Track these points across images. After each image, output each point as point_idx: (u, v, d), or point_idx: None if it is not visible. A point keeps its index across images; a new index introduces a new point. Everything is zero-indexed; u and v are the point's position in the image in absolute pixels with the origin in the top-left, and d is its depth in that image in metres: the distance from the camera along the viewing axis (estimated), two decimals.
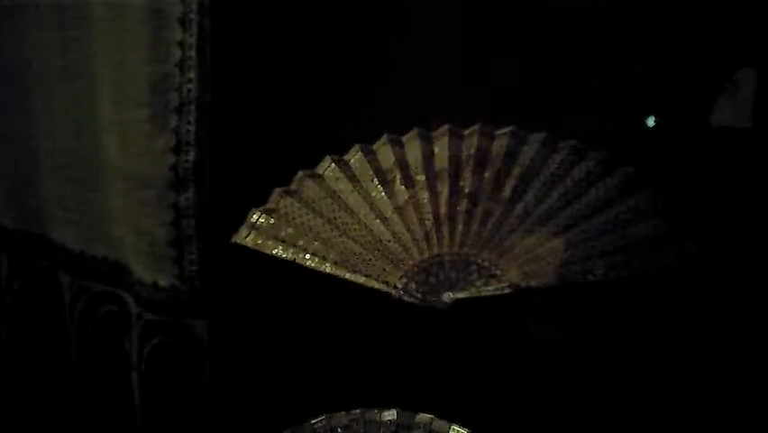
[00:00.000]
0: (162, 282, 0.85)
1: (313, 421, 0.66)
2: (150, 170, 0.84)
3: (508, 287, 0.62)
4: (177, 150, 0.82)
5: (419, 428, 0.65)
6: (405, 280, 0.64)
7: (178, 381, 0.89)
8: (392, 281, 0.64)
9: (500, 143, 0.73)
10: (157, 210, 0.84)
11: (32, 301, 1.07)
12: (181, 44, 0.80)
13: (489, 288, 0.62)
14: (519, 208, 0.68)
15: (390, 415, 0.66)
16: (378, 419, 0.66)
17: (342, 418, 0.66)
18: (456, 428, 0.65)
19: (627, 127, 0.70)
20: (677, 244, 0.64)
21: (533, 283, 0.62)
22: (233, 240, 0.69)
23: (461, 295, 0.62)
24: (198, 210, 0.83)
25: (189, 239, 0.84)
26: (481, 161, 0.72)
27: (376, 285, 0.65)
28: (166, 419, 0.92)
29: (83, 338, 1.00)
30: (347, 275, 0.66)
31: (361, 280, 0.65)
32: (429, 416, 0.66)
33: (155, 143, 0.83)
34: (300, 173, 0.73)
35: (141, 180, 0.85)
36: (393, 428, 0.66)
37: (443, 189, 0.70)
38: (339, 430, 0.65)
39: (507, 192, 0.69)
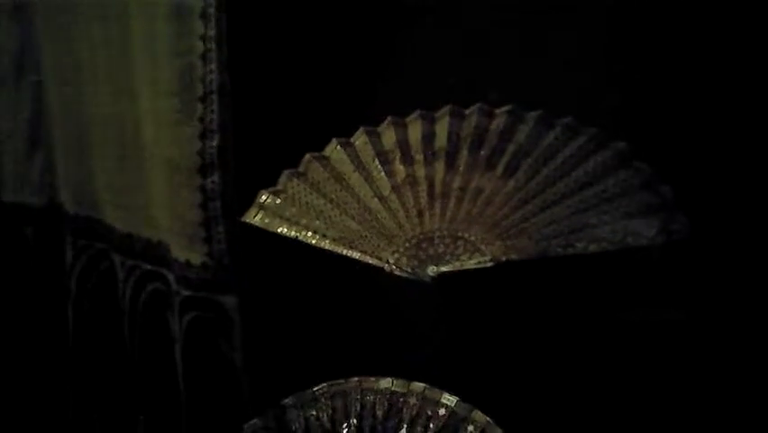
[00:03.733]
0: (194, 261, 0.92)
1: (315, 388, 0.70)
2: (180, 155, 0.90)
3: (490, 260, 0.64)
4: (202, 136, 0.88)
5: (413, 395, 0.69)
6: (397, 255, 0.67)
7: (211, 353, 0.95)
8: (385, 257, 0.68)
9: (498, 122, 0.75)
10: (187, 193, 0.90)
11: (93, 282, 1.16)
12: (203, 38, 0.85)
13: (472, 261, 0.64)
14: (510, 185, 0.70)
15: (386, 383, 0.70)
16: (374, 387, 0.70)
17: (341, 385, 0.70)
18: (447, 395, 0.68)
19: (621, 103, 0.70)
20: (664, 219, 0.64)
21: (513, 257, 0.63)
22: (243, 219, 0.74)
23: (444, 268, 0.64)
24: (224, 192, 0.89)
25: (216, 220, 0.89)
26: (478, 139, 0.74)
27: (370, 260, 0.68)
28: (204, 388, 0.99)
29: (134, 314, 1.08)
30: (344, 251, 0.69)
31: (357, 255, 0.69)
32: (422, 384, 0.69)
33: (184, 131, 0.89)
34: (308, 156, 0.78)
35: (173, 166, 0.91)
36: (388, 395, 0.69)
37: (440, 167, 0.73)
38: (338, 397, 0.69)
39: (499, 169, 0.71)
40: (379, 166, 0.74)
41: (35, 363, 1.31)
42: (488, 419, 0.66)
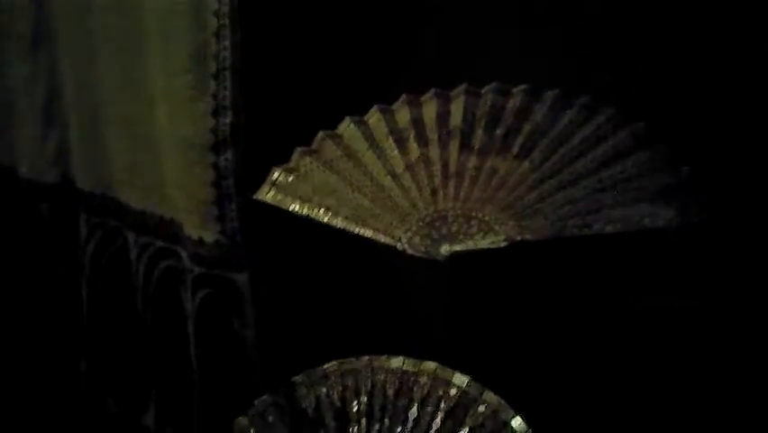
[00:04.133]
0: (207, 238, 0.92)
1: (325, 366, 0.70)
2: (193, 133, 0.90)
3: (504, 240, 0.63)
4: (215, 113, 0.87)
5: (424, 375, 0.68)
6: (409, 234, 0.67)
7: (224, 330, 0.95)
8: (397, 235, 0.67)
9: (514, 101, 0.74)
10: (200, 171, 0.90)
11: (106, 258, 1.16)
12: (216, 14, 0.85)
13: (486, 241, 0.64)
14: (526, 165, 0.69)
15: (397, 362, 0.69)
16: (385, 365, 0.70)
17: (351, 363, 0.70)
18: (458, 375, 0.67)
19: (639, 83, 0.69)
20: (682, 200, 0.63)
21: (528, 237, 0.63)
22: (255, 197, 0.74)
23: (458, 248, 0.64)
24: (236, 170, 0.88)
25: (229, 198, 0.89)
26: (494, 118, 0.73)
27: (383, 238, 0.67)
28: (216, 365, 0.99)
29: (147, 291, 1.08)
30: (356, 229, 0.69)
31: (369, 233, 0.68)
32: (434, 364, 0.69)
33: (197, 108, 0.88)
34: (321, 133, 0.77)
35: (186, 143, 0.91)
36: (399, 374, 0.69)
37: (454, 147, 0.72)
38: (348, 375, 0.69)
39: (515, 149, 0.70)
40: (393, 144, 0.74)
41: (49, 339, 1.32)
42: (500, 399, 0.66)
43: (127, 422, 1.20)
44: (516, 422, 0.65)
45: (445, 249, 0.65)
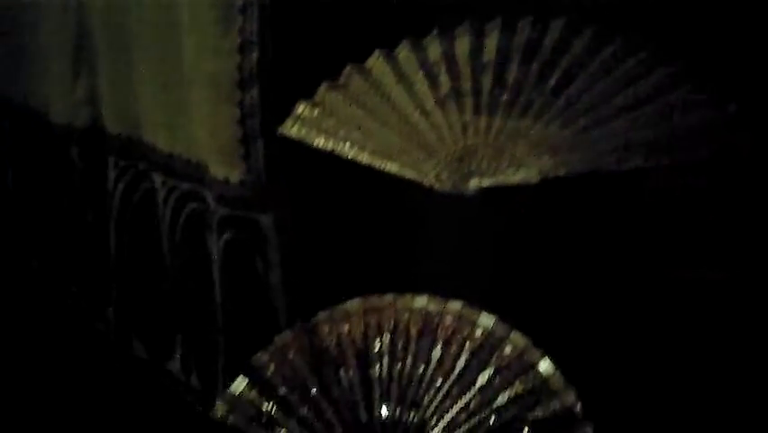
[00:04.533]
0: (233, 179, 0.90)
1: (347, 304, 0.68)
2: (220, 69, 0.88)
3: (537, 175, 0.60)
4: (242, 49, 0.85)
5: (449, 315, 0.66)
6: (438, 169, 0.64)
7: (248, 272, 0.94)
8: (425, 170, 0.65)
9: (552, 35, 0.70)
10: (226, 109, 0.88)
11: (134, 201, 1.16)
12: None
13: (518, 176, 0.61)
14: (562, 100, 0.66)
15: (421, 301, 0.67)
16: (409, 305, 0.68)
17: (374, 301, 0.68)
18: (485, 315, 0.65)
19: (679, 18, 0.65)
20: (726, 136, 0.60)
21: (562, 172, 0.60)
22: (280, 131, 0.72)
23: (487, 183, 0.61)
24: (262, 109, 0.86)
25: (255, 136, 0.88)
26: (531, 52, 0.70)
27: (410, 174, 0.65)
28: (240, 307, 0.99)
29: (173, 234, 1.08)
30: (383, 164, 0.67)
31: (396, 168, 0.66)
32: (459, 303, 0.66)
33: (224, 44, 0.86)
34: (348, 67, 0.74)
35: (212, 81, 0.89)
36: (423, 313, 0.67)
37: (487, 81, 0.69)
38: (371, 313, 0.67)
39: (551, 84, 0.67)
40: (423, 79, 0.71)
41: (77, 281, 1.33)
42: (527, 340, 0.63)
43: (153, 368, 1.20)
44: (544, 364, 0.62)
45: (474, 184, 0.62)
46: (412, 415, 0.63)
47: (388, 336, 0.67)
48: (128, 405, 1.21)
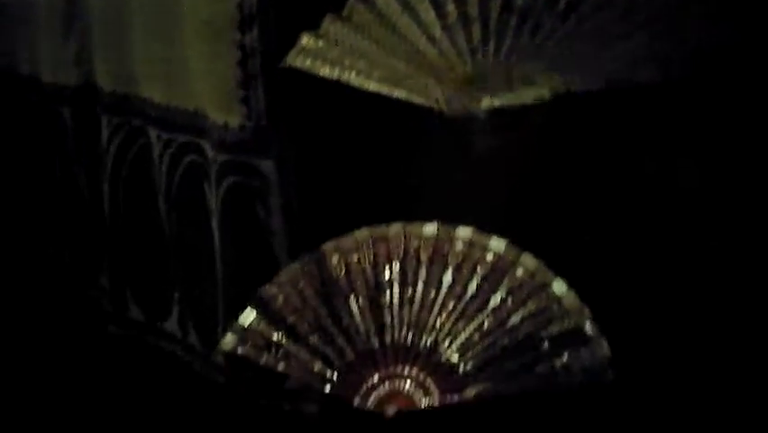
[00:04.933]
0: (232, 123, 0.89)
1: (355, 234, 0.67)
2: (219, 10, 0.86)
3: (549, 93, 0.60)
4: None
5: (459, 240, 0.66)
6: (447, 92, 0.63)
7: (249, 221, 0.93)
8: (434, 96, 0.64)
9: None
10: (225, 51, 0.87)
11: (129, 159, 1.14)
12: None
13: (531, 93, 0.60)
14: (572, 20, 0.65)
15: (431, 228, 0.66)
16: (419, 232, 0.67)
17: (383, 230, 0.68)
18: (495, 240, 0.65)
19: None
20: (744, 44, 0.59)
21: (574, 88, 0.59)
22: (283, 63, 0.71)
23: (498, 102, 0.60)
24: (263, 49, 0.85)
25: (255, 78, 0.86)
26: None
27: (418, 99, 0.64)
28: (241, 260, 0.97)
29: (170, 189, 1.06)
30: (390, 91, 0.66)
31: (404, 95, 0.65)
32: (469, 229, 0.66)
33: None
34: (351, 0, 0.73)
35: (211, 23, 0.88)
36: (433, 240, 0.66)
37: (495, 6, 0.68)
38: (380, 243, 0.67)
39: (561, 5, 0.66)
40: (429, 6, 0.70)
41: (71, 243, 1.31)
42: (539, 262, 0.63)
43: (150, 329, 1.19)
44: (557, 284, 0.62)
45: (486, 104, 0.62)
46: (424, 339, 0.63)
47: (398, 263, 0.66)
48: (125, 372, 1.19)
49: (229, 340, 0.66)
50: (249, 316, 0.66)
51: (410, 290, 0.65)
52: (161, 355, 1.18)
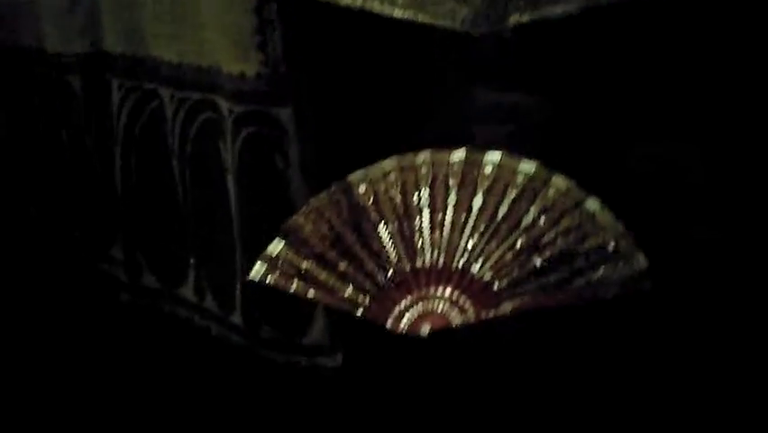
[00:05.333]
0: (249, 72, 0.88)
1: (383, 163, 0.67)
2: None
3: (578, 6, 0.59)
4: None
5: (489, 165, 0.65)
6: (473, 12, 0.63)
7: (266, 176, 0.92)
8: (459, 17, 0.63)
9: None
10: None
11: (141, 122, 1.13)
12: None
13: (558, 9, 0.60)
14: None
15: (459, 154, 0.66)
16: (447, 159, 0.66)
17: (411, 159, 0.67)
18: (525, 162, 0.64)
19: None
20: None
21: (602, 2, 0.59)
22: None
23: (526, 18, 0.60)
24: None
25: (272, 24, 0.86)
26: None
27: (443, 23, 0.64)
28: (258, 219, 0.96)
29: (183, 150, 1.05)
30: (414, 16, 0.65)
31: (428, 19, 0.64)
32: (499, 153, 0.65)
33: None
34: None
35: None
36: (462, 166, 0.65)
37: None
38: (408, 171, 0.66)
39: None
40: None
41: (81, 217, 1.30)
42: (570, 181, 0.62)
43: (165, 296, 1.18)
44: (591, 202, 0.61)
45: (514, 20, 0.61)
46: (457, 260, 0.62)
47: (427, 189, 0.66)
48: (139, 340, 1.18)
49: (258, 269, 0.65)
50: (277, 246, 0.66)
51: (440, 215, 0.64)
52: (177, 323, 1.17)
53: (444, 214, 0.64)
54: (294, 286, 0.64)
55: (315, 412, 0.89)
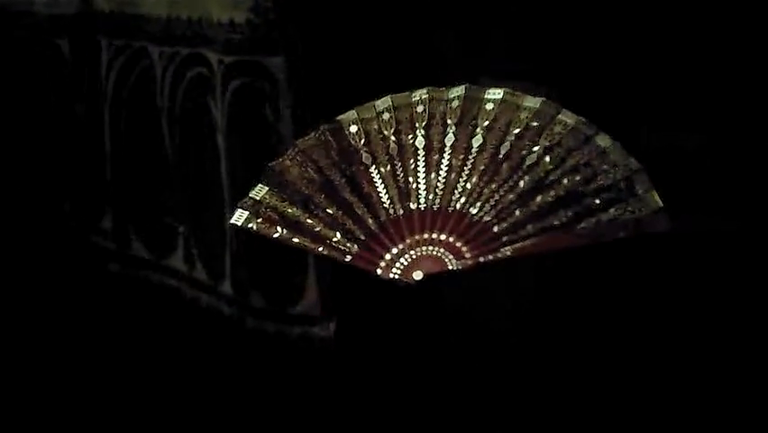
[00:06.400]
0: (238, 19, 0.84)
1: (376, 102, 0.61)
2: None
3: None
4: None
5: (490, 101, 0.60)
6: None
7: (257, 127, 0.88)
8: None
9: None
10: None
11: (131, 81, 1.09)
12: None
13: None
14: None
15: (458, 91, 0.61)
16: (445, 96, 0.61)
17: (406, 97, 0.62)
18: (530, 98, 0.59)
19: None
20: None
21: None
22: None
23: None
24: None
25: None
26: None
27: None
28: (249, 173, 0.92)
29: (173, 108, 1.01)
30: None
31: None
32: (501, 89, 0.60)
33: None
34: None
35: None
36: (461, 103, 0.60)
37: None
38: (403, 109, 0.61)
39: None
40: None
41: (71, 188, 1.25)
42: (579, 117, 0.57)
43: (154, 266, 1.13)
44: (601, 138, 0.56)
45: None
46: (454, 203, 0.57)
47: (423, 129, 0.60)
48: (127, 311, 1.14)
49: (239, 215, 0.60)
50: (260, 190, 0.61)
51: (437, 156, 0.59)
52: (166, 294, 1.12)
53: (441, 154, 0.59)
54: (278, 233, 0.59)
55: (307, 381, 0.84)
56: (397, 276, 0.54)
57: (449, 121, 0.60)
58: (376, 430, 0.62)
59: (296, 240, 0.58)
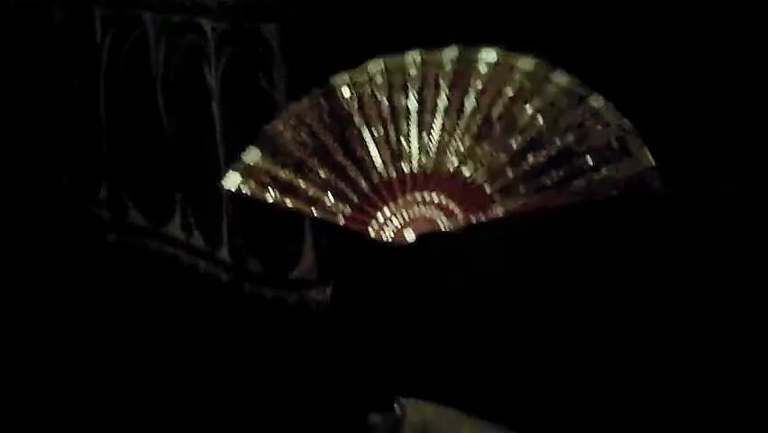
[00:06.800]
0: None
1: (368, 64, 0.61)
2: None
3: None
4: None
5: (483, 63, 0.60)
6: None
7: (251, 94, 0.87)
8: None
9: None
10: None
11: (125, 50, 1.08)
12: None
13: None
14: None
15: (452, 53, 0.60)
16: (438, 59, 0.61)
17: (398, 60, 0.62)
18: (525, 58, 0.59)
19: None
20: None
21: None
22: None
23: None
24: None
25: None
26: None
27: None
28: (244, 139, 0.91)
29: (168, 76, 1.00)
30: None
31: None
32: (494, 50, 0.59)
33: None
34: None
35: None
36: (453, 65, 0.60)
37: None
38: (396, 73, 0.61)
39: None
40: None
41: (69, 162, 1.25)
42: (572, 77, 0.57)
43: (151, 233, 1.14)
44: (595, 99, 0.56)
45: None
46: (446, 164, 0.57)
47: (416, 91, 0.60)
48: (126, 279, 1.14)
49: (232, 179, 0.60)
50: (254, 154, 0.61)
51: (429, 118, 0.59)
52: (164, 262, 1.13)
53: (434, 116, 0.59)
54: (271, 196, 0.59)
55: (305, 346, 0.85)
56: (390, 237, 0.55)
57: (442, 83, 0.60)
58: (373, 393, 0.63)
59: (289, 203, 0.58)
